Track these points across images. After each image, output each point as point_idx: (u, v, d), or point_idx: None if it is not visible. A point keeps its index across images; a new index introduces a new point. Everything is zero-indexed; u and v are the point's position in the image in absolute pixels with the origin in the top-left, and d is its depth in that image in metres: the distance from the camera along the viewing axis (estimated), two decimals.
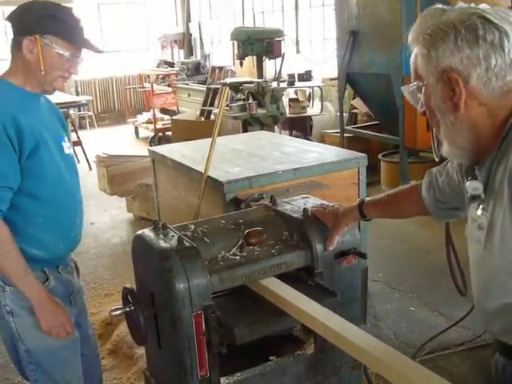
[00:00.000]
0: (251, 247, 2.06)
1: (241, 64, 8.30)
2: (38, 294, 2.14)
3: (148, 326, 1.97)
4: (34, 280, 2.14)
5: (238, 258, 2.00)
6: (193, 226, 2.14)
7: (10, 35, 2.19)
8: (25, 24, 2.12)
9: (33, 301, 2.13)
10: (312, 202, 2.34)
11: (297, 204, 2.30)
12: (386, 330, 3.89)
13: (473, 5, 1.47)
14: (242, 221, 2.20)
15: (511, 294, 1.44)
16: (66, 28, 2.14)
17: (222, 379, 1.99)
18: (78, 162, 9.07)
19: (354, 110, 8.54)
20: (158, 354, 2.11)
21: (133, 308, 1.97)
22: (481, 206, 1.48)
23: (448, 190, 1.82)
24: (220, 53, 13.44)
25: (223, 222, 2.20)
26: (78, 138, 9.39)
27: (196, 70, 12.84)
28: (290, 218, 2.18)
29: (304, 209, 2.17)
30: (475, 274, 1.59)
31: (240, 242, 2.06)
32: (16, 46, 2.14)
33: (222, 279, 1.92)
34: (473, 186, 1.49)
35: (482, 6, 1.45)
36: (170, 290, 1.83)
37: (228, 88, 5.41)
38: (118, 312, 1.99)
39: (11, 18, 2.17)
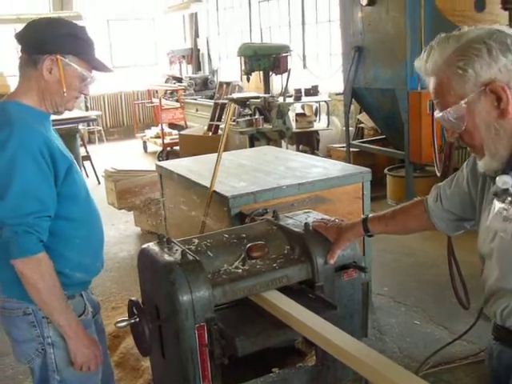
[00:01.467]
0: (253, 261, 2.11)
1: (248, 79, 8.38)
2: (76, 328, 2.09)
3: (152, 337, 2.02)
4: (72, 314, 2.10)
5: (240, 271, 2.06)
6: (197, 240, 2.20)
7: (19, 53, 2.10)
8: (43, 42, 2.02)
9: (70, 334, 2.08)
10: (314, 216, 2.39)
11: (299, 219, 2.35)
12: (391, 343, 3.91)
13: (480, 25, 1.55)
14: (244, 235, 2.25)
15: None
16: (85, 48, 2.10)
17: None
18: (87, 176, 9.17)
19: (361, 125, 8.59)
20: (162, 365, 2.16)
21: (138, 320, 2.02)
22: (509, 199, 1.52)
23: (457, 200, 1.87)
24: (228, 68, 13.57)
25: (226, 236, 2.26)
26: (87, 152, 9.49)
27: (204, 85, 12.96)
28: (292, 233, 2.23)
29: (305, 223, 2.22)
30: (499, 264, 1.61)
31: (242, 255, 2.11)
32: (31, 65, 2.04)
33: (225, 292, 1.97)
34: (502, 180, 1.52)
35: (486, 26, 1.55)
36: (173, 303, 1.88)
37: (233, 104, 5.47)
38: (124, 324, 2.04)
39: (23, 36, 2.08)
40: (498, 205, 1.55)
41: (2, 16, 11.86)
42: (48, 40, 2.02)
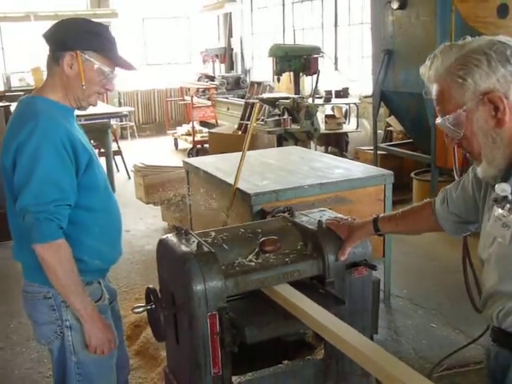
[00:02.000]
0: (267, 255, 2.19)
1: (278, 80, 8.45)
2: (91, 313, 2.18)
3: (167, 323, 2.12)
4: (88, 299, 2.19)
5: (253, 264, 2.14)
6: (213, 233, 2.29)
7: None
8: (65, 40, 2.13)
9: (86, 318, 2.17)
10: (328, 215, 2.46)
11: (313, 216, 2.42)
12: (406, 344, 3.94)
13: (484, 36, 1.61)
14: (260, 230, 2.33)
15: None
16: (104, 44, 2.18)
17: (234, 378, 2.12)
18: (118, 171, 9.35)
19: (390, 128, 8.60)
20: (176, 351, 2.26)
21: (154, 306, 2.12)
22: (508, 206, 1.58)
23: (462, 203, 1.93)
24: (260, 68, 13.66)
25: (242, 230, 2.34)
26: (119, 147, 9.67)
27: (236, 85, 13.08)
28: (305, 229, 2.31)
29: (319, 221, 2.29)
30: (497, 268, 1.66)
31: (256, 249, 2.19)
32: (55, 62, 2.16)
33: (237, 283, 2.06)
34: (501, 188, 1.58)
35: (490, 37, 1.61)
36: (187, 291, 1.97)
37: (259, 103, 5.55)
38: (140, 309, 2.14)
39: (49, 35, 2.19)
40: (497, 211, 1.61)
41: (40, 13, 12.13)
42: (69, 37, 2.14)
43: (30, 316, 2.35)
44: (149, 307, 2.13)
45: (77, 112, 2.33)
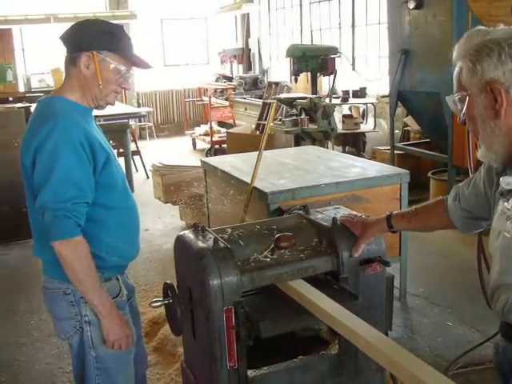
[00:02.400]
0: (282, 251, 2.23)
1: (296, 80, 8.48)
2: (109, 308, 2.22)
3: (184, 318, 2.17)
4: (106, 295, 2.23)
5: (268, 260, 2.18)
6: (230, 230, 2.33)
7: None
8: (81, 41, 2.18)
9: (103, 313, 2.21)
10: (342, 212, 2.49)
11: (328, 214, 2.46)
12: (422, 342, 3.96)
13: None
14: (275, 227, 2.37)
15: None
16: (120, 44, 2.22)
17: (249, 371, 2.16)
18: (137, 170, 9.45)
19: (407, 128, 8.60)
20: (193, 345, 2.31)
21: (171, 301, 2.17)
22: (511, 200, 1.62)
23: (473, 200, 1.96)
24: (278, 68, 13.71)
25: (258, 227, 2.39)
26: (137, 147, 9.77)
27: (254, 85, 13.14)
28: (320, 226, 2.34)
29: (333, 218, 2.32)
30: (502, 261, 1.70)
31: (272, 245, 2.24)
32: (72, 63, 2.21)
33: (253, 278, 2.10)
34: (506, 181, 1.64)
35: None
36: (204, 286, 2.02)
37: (276, 103, 5.59)
38: (158, 304, 2.19)
39: (65, 36, 2.24)
40: (502, 205, 1.64)
41: (60, 15, 12.27)
42: (84, 38, 2.19)
43: (50, 311, 2.41)
44: (166, 302, 2.18)
45: (96, 112, 2.39)
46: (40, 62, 13.12)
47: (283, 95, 8.78)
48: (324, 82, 10.09)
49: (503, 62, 1.56)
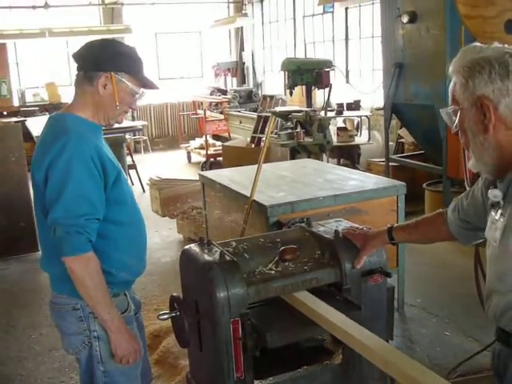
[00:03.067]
0: (286, 263, 2.28)
1: (290, 93, 8.57)
2: (118, 323, 2.24)
3: (191, 330, 2.21)
4: (115, 310, 2.25)
5: (273, 272, 2.23)
6: (234, 243, 2.38)
7: (75, 70, 2.30)
8: (99, 61, 2.21)
9: (112, 329, 2.23)
10: (344, 224, 2.55)
11: (329, 226, 2.51)
12: (420, 352, 4.01)
13: (506, 45, 1.74)
14: (279, 240, 2.42)
15: None
16: (134, 66, 2.27)
17: (256, 382, 2.20)
18: (132, 184, 9.47)
19: (401, 140, 8.68)
20: (199, 357, 2.35)
21: (178, 314, 2.21)
22: (499, 211, 1.71)
23: (472, 210, 2.02)
24: (272, 82, 13.81)
25: (262, 240, 2.44)
26: (133, 161, 9.81)
27: (248, 98, 13.24)
28: (323, 239, 2.40)
29: (335, 230, 2.38)
30: (491, 269, 1.79)
31: (276, 258, 2.29)
32: (87, 82, 2.23)
33: (258, 290, 2.15)
34: (493, 194, 1.73)
35: None
36: (211, 298, 2.06)
37: (275, 117, 5.66)
38: (166, 316, 2.23)
39: (80, 55, 2.26)
40: (492, 216, 1.71)
41: (55, 29, 12.34)
42: (103, 59, 2.22)
43: (57, 326, 2.42)
44: (174, 314, 2.22)
45: None
46: (34, 76, 13.19)
47: (278, 108, 8.86)
48: (318, 95, 10.19)
49: (493, 80, 1.63)
